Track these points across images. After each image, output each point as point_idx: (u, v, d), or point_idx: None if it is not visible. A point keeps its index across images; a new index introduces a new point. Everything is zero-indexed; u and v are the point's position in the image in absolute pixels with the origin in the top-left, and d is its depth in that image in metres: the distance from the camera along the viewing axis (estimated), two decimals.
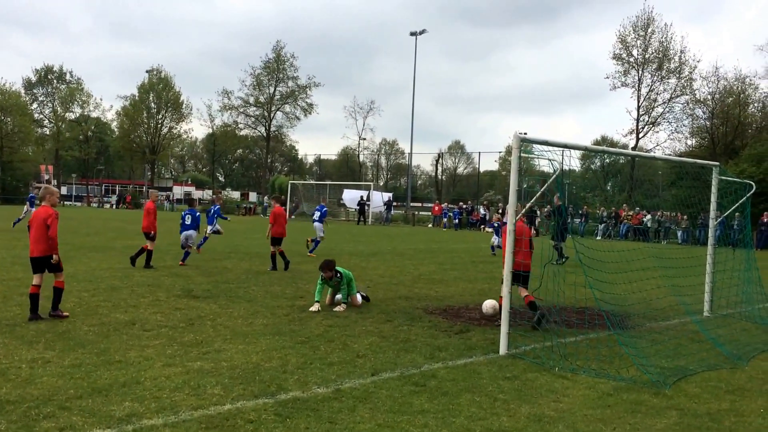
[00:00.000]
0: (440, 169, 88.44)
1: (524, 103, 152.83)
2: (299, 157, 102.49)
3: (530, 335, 8.86)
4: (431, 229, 45.71)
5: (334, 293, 10.92)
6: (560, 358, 7.77)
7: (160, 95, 71.80)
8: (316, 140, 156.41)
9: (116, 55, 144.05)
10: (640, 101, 53.64)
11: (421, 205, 74.30)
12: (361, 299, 11.09)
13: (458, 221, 45.29)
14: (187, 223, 16.26)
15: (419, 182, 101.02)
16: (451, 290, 13.47)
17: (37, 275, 8.99)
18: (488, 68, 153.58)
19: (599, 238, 37.19)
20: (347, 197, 54.03)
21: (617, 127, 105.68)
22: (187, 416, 5.35)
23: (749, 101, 51.37)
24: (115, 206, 67.82)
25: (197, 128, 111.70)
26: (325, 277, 10.69)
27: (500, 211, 42.68)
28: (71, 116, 75.85)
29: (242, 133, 76.66)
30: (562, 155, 8.33)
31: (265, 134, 73.09)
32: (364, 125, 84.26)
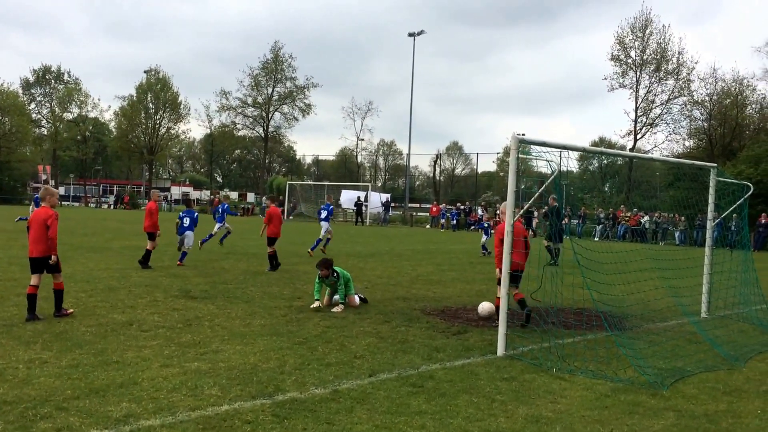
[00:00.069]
0: (438, 169, 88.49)
1: (522, 104, 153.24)
2: (297, 157, 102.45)
3: (528, 336, 8.86)
4: (429, 229, 45.72)
5: (332, 294, 10.92)
6: (558, 359, 7.77)
7: (158, 95, 71.72)
8: (314, 141, 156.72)
9: (113, 55, 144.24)
10: (638, 102, 53.77)
11: (419, 205, 74.34)
12: (358, 300, 11.09)
13: (456, 222, 45.33)
14: (185, 224, 16.31)
15: (417, 183, 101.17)
16: (448, 291, 13.48)
17: (35, 275, 9.00)
18: (486, 69, 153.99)
19: (597, 239, 37.25)
20: (345, 198, 54.05)
21: (615, 128, 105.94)
22: (184, 417, 5.35)
23: (747, 103, 51.49)
24: (112, 206, 67.72)
25: (195, 129, 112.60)
26: (321, 275, 10.71)
27: (497, 213, 42.72)
28: (69, 116, 75.68)
29: (240, 133, 76.75)
30: (560, 156, 8.33)
31: (263, 135, 73.08)
32: (362, 126, 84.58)
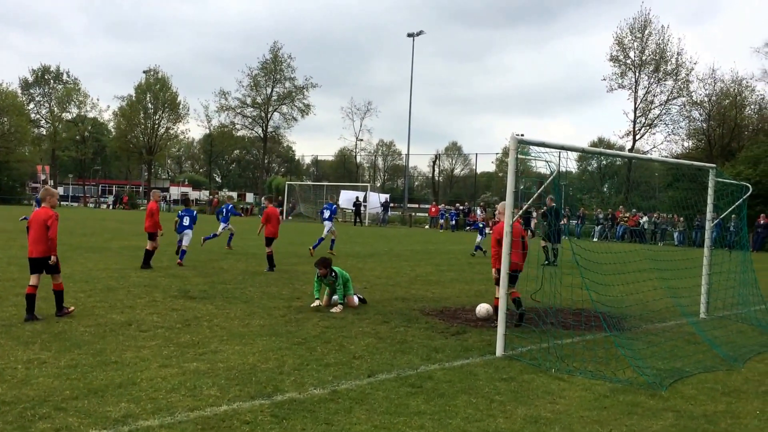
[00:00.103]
0: (437, 170, 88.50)
1: (521, 104, 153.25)
2: (296, 158, 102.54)
3: (527, 337, 8.86)
4: (428, 230, 45.72)
5: (331, 294, 10.92)
6: (557, 359, 7.78)
7: (157, 96, 71.63)
8: (313, 141, 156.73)
9: (112, 55, 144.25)
10: (636, 103, 53.77)
11: (418, 206, 74.31)
12: (357, 300, 11.09)
13: (455, 222, 45.33)
14: (185, 223, 16.47)
15: (416, 183, 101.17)
16: (447, 292, 13.48)
17: (34, 276, 9.01)
18: (485, 69, 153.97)
19: (596, 239, 37.26)
20: (343, 198, 54.08)
21: (614, 128, 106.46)
22: (183, 417, 5.35)
23: (746, 103, 51.51)
24: (111, 207, 67.70)
25: (194, 129, 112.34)
26: (319, 274, 10.75)
27: (495, 213, 42.72)
28: (68, 116, 75.63)
29: (239, 133, 76.64)
30: (558, 157, 8.34)
31: (262, 135, 73.04)
32: (361, 126, 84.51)
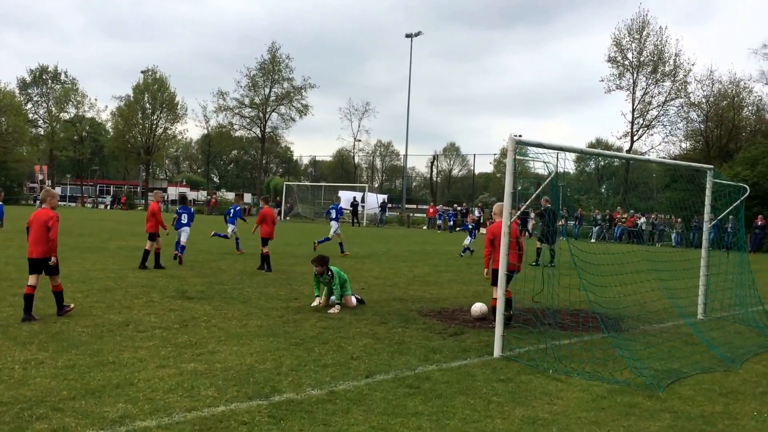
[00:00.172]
0: (435, 170, 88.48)
1: (519, 104, 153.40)
2: (294, 158, 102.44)
3: (524, 338, 8.86)
4: (426, 231, 45.73)
5: (329, 294, 10.92)
6: (554, 360, 7.78)
7: (155, 96, 71.52)
8: (311, 141, 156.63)
9: (110, 55, 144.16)
10: (634, 104, 53.82)
11: (415, 206, 74.33)
12: (355, 301, 11.10)
13: (453, 223, 45.35)
14: (183, 221, 16.60)
15: (414, 184, 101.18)
16: (445, 292, 13.48)
17: (33, 276, 9.02)
18: (483, 70, 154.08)
19: (593, 240, 37.29)
20: (341, 199, 54.09)
21: (612, 129, 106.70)
22: (180, 418, 5.34)
23: (743, 104, 51.59)
24: (109, 207, 67.68)
25: (192, 129, 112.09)
26: (316, 272, 10.79)
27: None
28: (66, 116, 75.49)
29: (237, 134, 76.44)
30: (556, 158, 8.35)
31: (260, 135, 72.97)
32: (359, 127, 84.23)
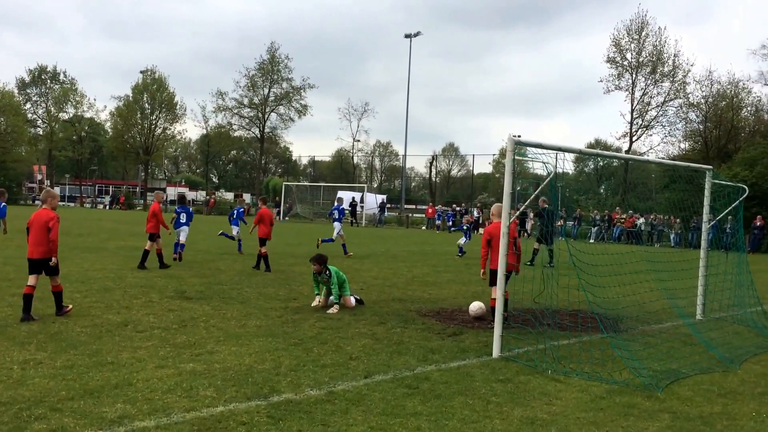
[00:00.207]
0: (434, 171, 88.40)
1: (518, 105, 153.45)
2: (293, 158, 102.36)
3: (523, 338, 8.86)
4: (425, 231, 45.73)
5: (328, 294, 10.92)
6: (553, 360, 7.78)
7: (154, 96, 71.43)
8: (310, 142, 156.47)
9: (109, 54, 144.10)
10: (633, 104, 53.82)
11: (414, 207, 74.30)
12: (354, 301, 11.09)
13: (452, 223, 45.34)
14: (182, 221, 16.67)
15: (413, 184, 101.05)
16: (444, 293, 13.47)
17: (32, 276, 9.04)
18: (482, 70, 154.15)
19: (592, 241, 37.30)
20: (344, 199, 54.11)
21: (611, 130, 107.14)
22: (179, 418, 5.34)
23: (742, 105, 51.61)
24: (108, 207, 67.62)
25: (191, 129, 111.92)
26: (313, 270, 10.85)
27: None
28: (65, 116, 75.35)
29: (236, 134, 76.37)
30: (555, 158, 8.35)
31: (259, 135, 72.92)
32: (358, 127, 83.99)
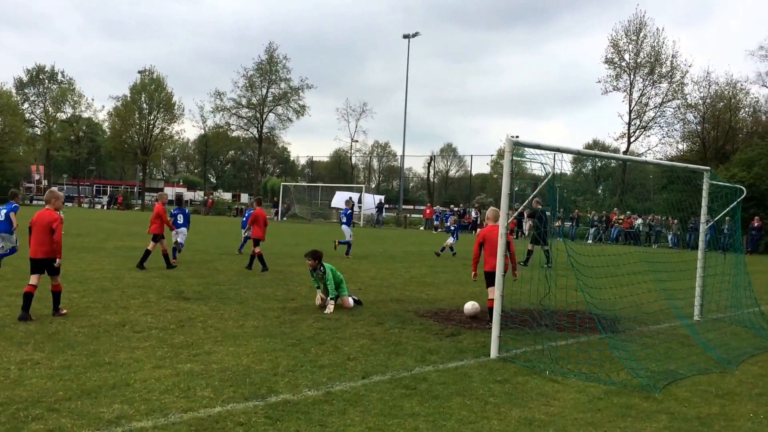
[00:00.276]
0: (432, 171, 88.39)
1: (516, 105, 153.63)
2: (291, 158, 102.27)
3: (521, 339, 8.87)
4: (423, 231, 45.73)
5: (324, 291, 10.92)
6: (551, 361, 7.78)
7: (152, 96, 71.31)
8: (308, 142, 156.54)
9: (107, 54, 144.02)
10: (631, 105, 53.90)
11: (412, 207, 74.32)
12: (352, 302, 11.09)
13: (449, 224, 45.34)
14: (179, 221, 16.66)
15: (411, 185, 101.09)
16: (442, 293, 13.48)
17: (34, 275, 9.08)
18: (480, 70, 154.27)
19: (590, 241, 37.32)
20: (338, 199, 54.09)
21: (609, 130, 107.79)
22: (176, 418, 5.33)
23: (740, 106, 51.70)
24: (106, 207, 67.51)
25: (189, 129, 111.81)
26: (309, 266, 10.95)
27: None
28: (62, 116, 75.27)
29: (234, 134, 76.32)
30: (553, 159, 8.35)
31: (257, 136, 72.86)
32: (356, 127, 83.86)
